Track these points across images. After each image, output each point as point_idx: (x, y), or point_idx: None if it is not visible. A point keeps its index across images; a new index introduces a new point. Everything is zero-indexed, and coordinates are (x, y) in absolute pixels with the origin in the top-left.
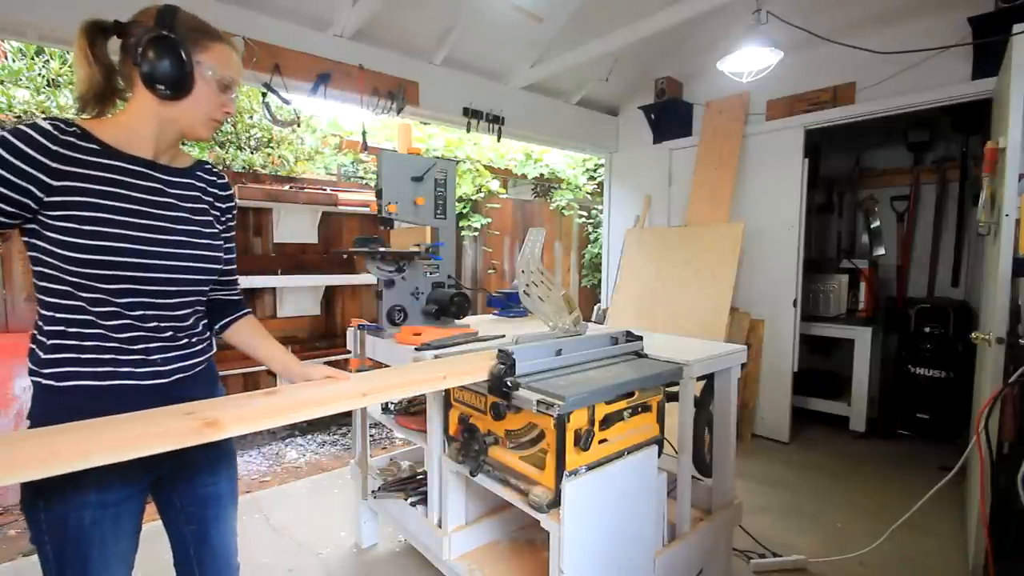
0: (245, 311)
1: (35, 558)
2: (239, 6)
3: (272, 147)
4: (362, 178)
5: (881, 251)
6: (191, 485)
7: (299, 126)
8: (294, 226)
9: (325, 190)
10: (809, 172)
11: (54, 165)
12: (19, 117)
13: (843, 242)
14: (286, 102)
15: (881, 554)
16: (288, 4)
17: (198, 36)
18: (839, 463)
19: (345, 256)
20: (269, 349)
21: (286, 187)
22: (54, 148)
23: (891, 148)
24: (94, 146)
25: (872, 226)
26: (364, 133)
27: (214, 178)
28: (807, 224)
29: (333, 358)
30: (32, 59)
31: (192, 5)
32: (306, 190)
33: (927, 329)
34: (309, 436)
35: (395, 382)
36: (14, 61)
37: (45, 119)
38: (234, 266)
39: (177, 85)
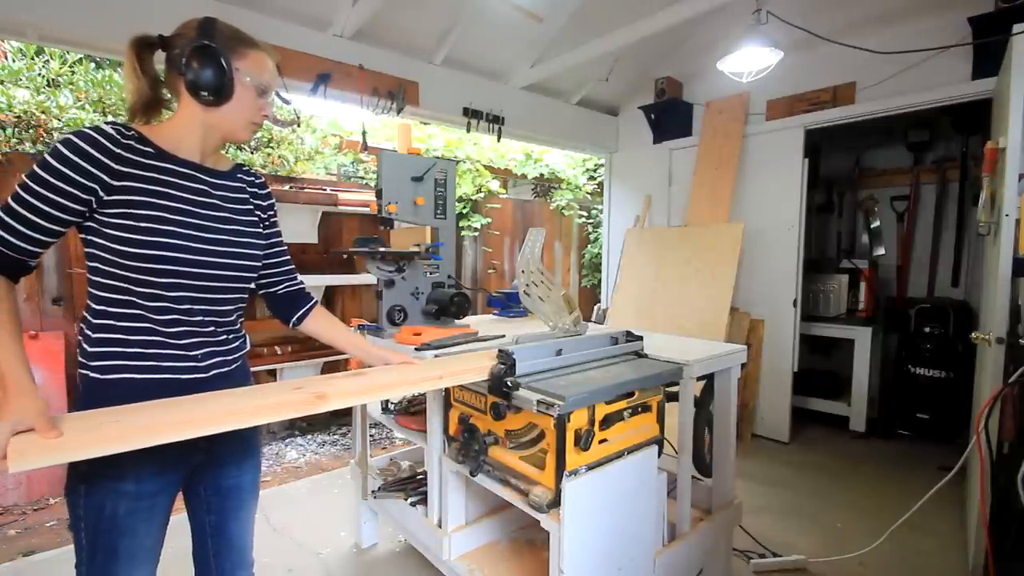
0: (315, 301)
1: (35, 558)
2: (239, 6)
3: (272, 147)
4: (362, 178)
5: (881, 251)
6: (217, 476)
7: (299, 126)
8: (294, 226)
9: (325, 190)
10: (809, 172)
11: (116, 166)
12: (19, 117)
13: (843, 242)
14: (286, 102)
15: (881, 554)
16: (288, 4)
17: (235, 44)
18: (839, 463)
19: (345, 256)
20: (347, 335)
21: (286, 187)
22: (116, 150)
23: (891, 148)
24: (149, 149)
25: (872, 226)
26: (364, 133)
27: (252, 179)
28: (807, 224)
29: (333, 358)
30: (32, 59)
31: (192, 5)
32: (306, 190)
33: (927, 329)
34: (309, 436)
35: (461, 368)
36: (14, 61)
37: (108, 123)
38: (288, 257)
39: (219, 91)
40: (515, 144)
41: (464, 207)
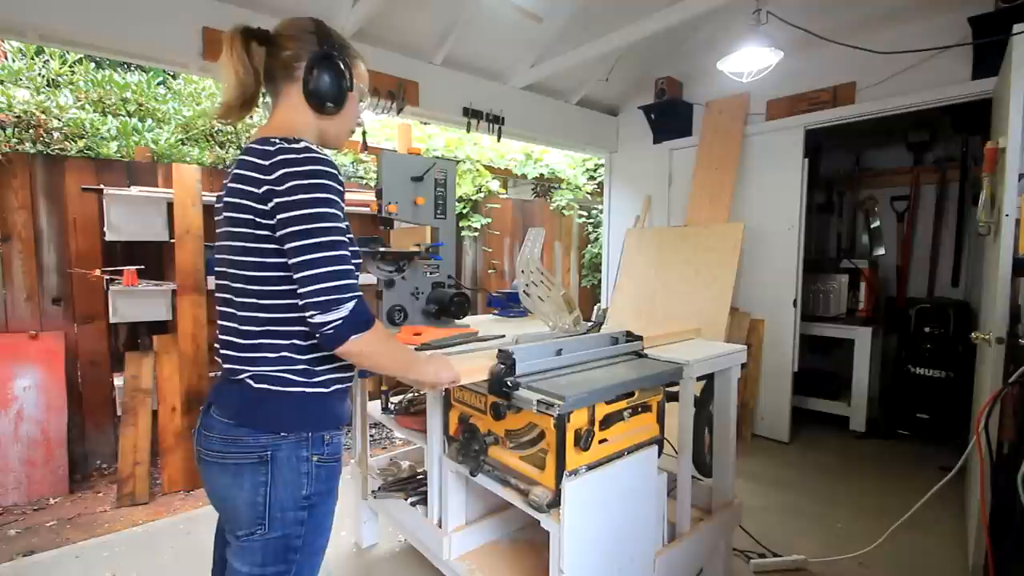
0: None
1: (35, 558)
2: (238, 6)
3: None
4: (362, 178)
5: (881, 251)
6: None
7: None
8: None
9: None
10: (809, 172)
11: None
12: (19, 117)
13: (843, 242)
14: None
15: (881, 554)
16: (288, 4)
17: (348, 54)
18: (839, 463)
19: None
20: None
21: None
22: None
23: (891, 148)
24: None
25: (872, 226)
26: (364, 133)
27: None
28: (807, 224)
29: None
30: (32, 59)
31: (190, 5)
32: None
33: (927, 329)
34: None
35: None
36: (14, 61)
37: (318, 151)
38: None
39: (339, 101)
40: (515, 144)
41: (464, 207)
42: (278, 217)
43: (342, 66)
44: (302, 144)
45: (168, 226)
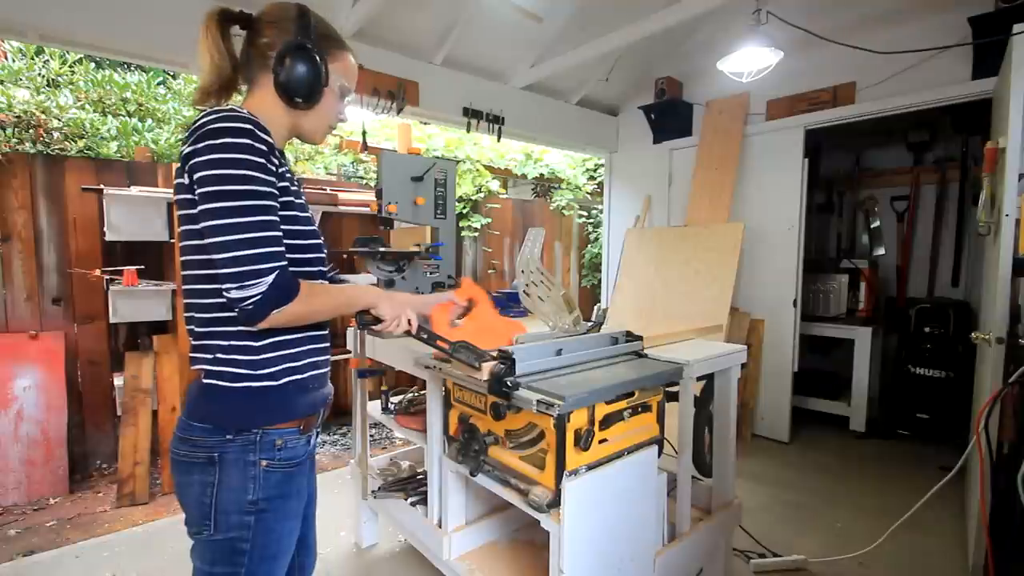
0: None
1: (35, 558)
2: (237, 6)
3: None
4: (362, 178)
5: (881, 251)
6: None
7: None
8: None
9: (325, 190)
10: (809, 172)
11: (275, 160)
12: (19, 117)
13: (843, 242)
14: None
15: (881, 554)
16: None
17: (330, 46)
18: (839, 463)
19: (345, 256)
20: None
21: None
22: (272, 141)
23: (891, 148)
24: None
25: (872, 226)
26: (364, 133)
27: None
28: (807, 224)
29: (334, 358)
30: (32, 59)
31: (190, 5)
32: (306, 190)
33: (927, 329)
34: None
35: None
36: (14, 61)
37: (240, 113)
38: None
39: (310, 97)
40: (515, 144)
41: (464, 207)
42: (197, 191)
43: (317, 59)
44: (224, 112)
45: (168, 226)
